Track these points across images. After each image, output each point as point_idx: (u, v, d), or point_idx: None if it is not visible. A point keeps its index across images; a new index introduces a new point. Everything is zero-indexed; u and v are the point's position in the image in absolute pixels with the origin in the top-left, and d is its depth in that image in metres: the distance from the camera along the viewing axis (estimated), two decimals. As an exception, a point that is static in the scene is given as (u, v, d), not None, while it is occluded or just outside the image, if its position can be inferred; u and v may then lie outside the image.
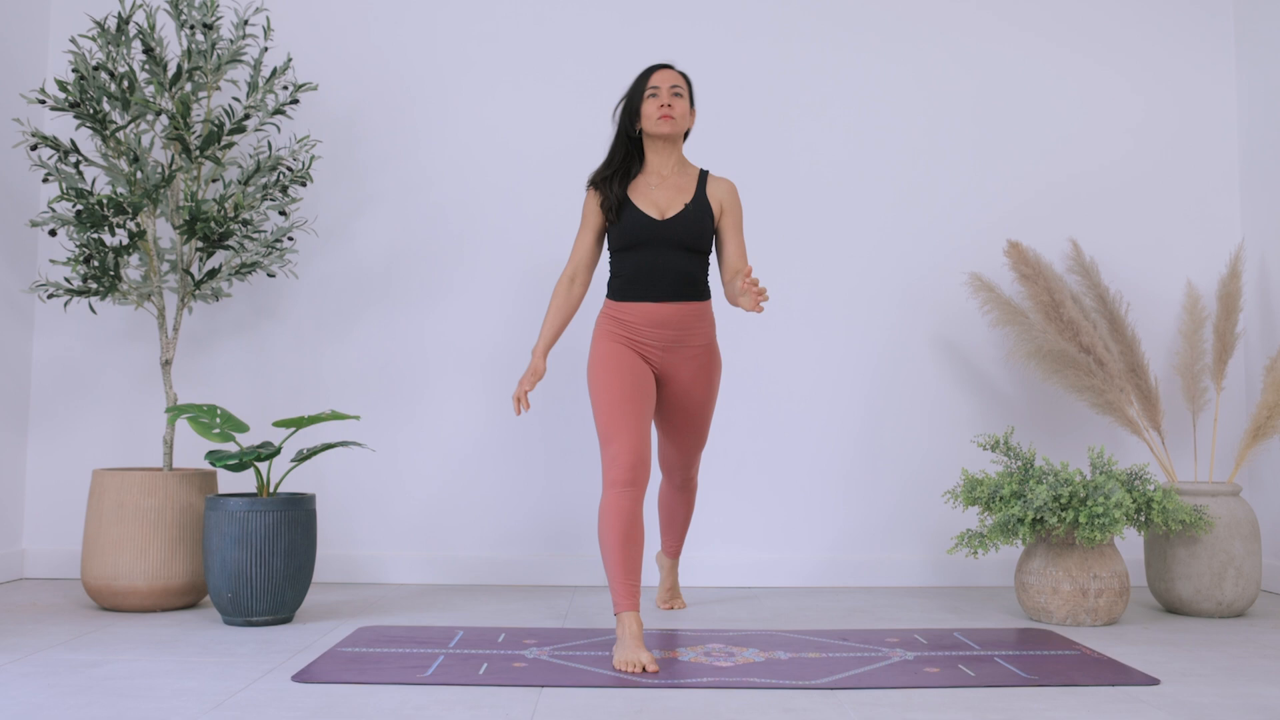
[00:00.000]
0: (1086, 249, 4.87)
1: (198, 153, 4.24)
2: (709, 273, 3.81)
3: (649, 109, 3.73)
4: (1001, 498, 3.98)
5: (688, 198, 3.73)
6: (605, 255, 4.02)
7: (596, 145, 4.71)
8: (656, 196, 3.73)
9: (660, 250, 3.68)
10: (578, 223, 4.44)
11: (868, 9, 5.02)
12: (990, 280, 4.71)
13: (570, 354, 4.61)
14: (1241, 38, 5.03)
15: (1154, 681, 3.08)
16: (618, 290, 3.74)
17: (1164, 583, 4.22)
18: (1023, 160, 4.99)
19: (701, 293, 3.75)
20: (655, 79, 3.74)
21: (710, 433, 3.99)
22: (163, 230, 4.74)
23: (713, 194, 3.78)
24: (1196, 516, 4.04)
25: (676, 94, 3.74)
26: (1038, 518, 3.89)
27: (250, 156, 4.47)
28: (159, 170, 4.23)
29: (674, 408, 3.83)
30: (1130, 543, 4.74)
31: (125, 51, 4.25)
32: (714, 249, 3.84)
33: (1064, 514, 3.86)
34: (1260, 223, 4.88)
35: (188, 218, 4.19)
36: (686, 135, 3.90)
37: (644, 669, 3.12)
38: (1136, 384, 4.53)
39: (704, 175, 3.82)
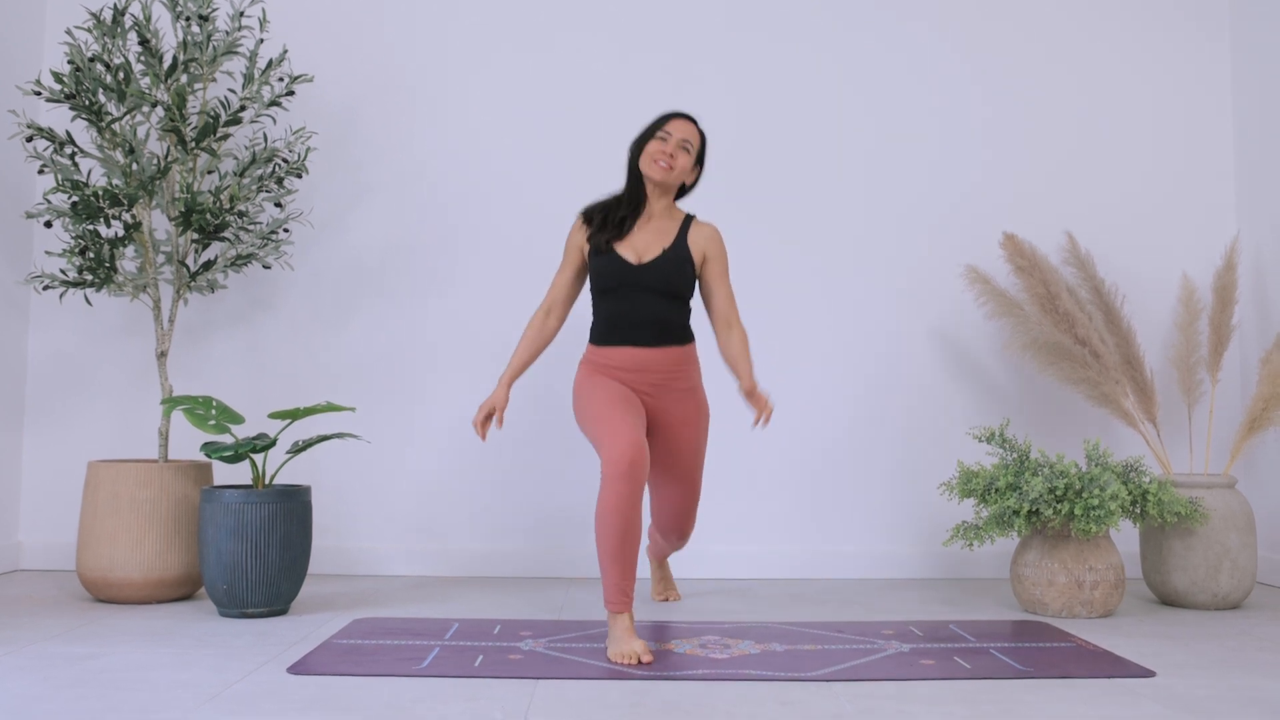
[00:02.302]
0: (1082, 241, 4.87)
1: (193, 144, 4.24)
2: (689, 317, 3.74)
3: (652, 148, 3.67)
4: (997, 490, 3.98)
5: (667, 243, 3.67)
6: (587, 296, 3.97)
7: (594, 140, 4.72)
8: (636, 240, 3.67)
9: (637, 295, 3.63)
10: (573, 215, 4.44)
11: (863, 4, 5.02)
12: (986, 272, 4.71)
13: (563, 347, 4.61)
14: (1236, 30, 5.03)
15: (1149, 674, 3.08)
16: (598, 335, 3.70)
17: (1159, 575, 4.22)
18: (1019, 153, 4.99)
19: (681, 338, 3.70)
20: (671, 125, 3.68)
21: (701, 467, 3.95)
22: (158, 222, 4.74)
23: (694, 240, 3.71)
24: (1192, 509, 4.05)
25: (684, 148, 3.68)
26: (1033, 510, 3.89)
27: (246, 148, 4.46)
28: (154, 162, 4.23)
29: (664, 451, 3.75)
30: (1126, 535, 4.75)
31: (121, 43, 4.24)
32: (700, 296, 3.79)
33: (1059, 506, 3.86)
34: (1255, 215, 4.88)
35: (183, 209, 4.18)
36: (686, 191, 3.86)
37: (639, 660, 3.12)
38: (1132, 376, 4.53)
39: (688, 221, 3.76)
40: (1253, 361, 4.78)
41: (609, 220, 3.70)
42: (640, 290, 3.62)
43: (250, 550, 3.76)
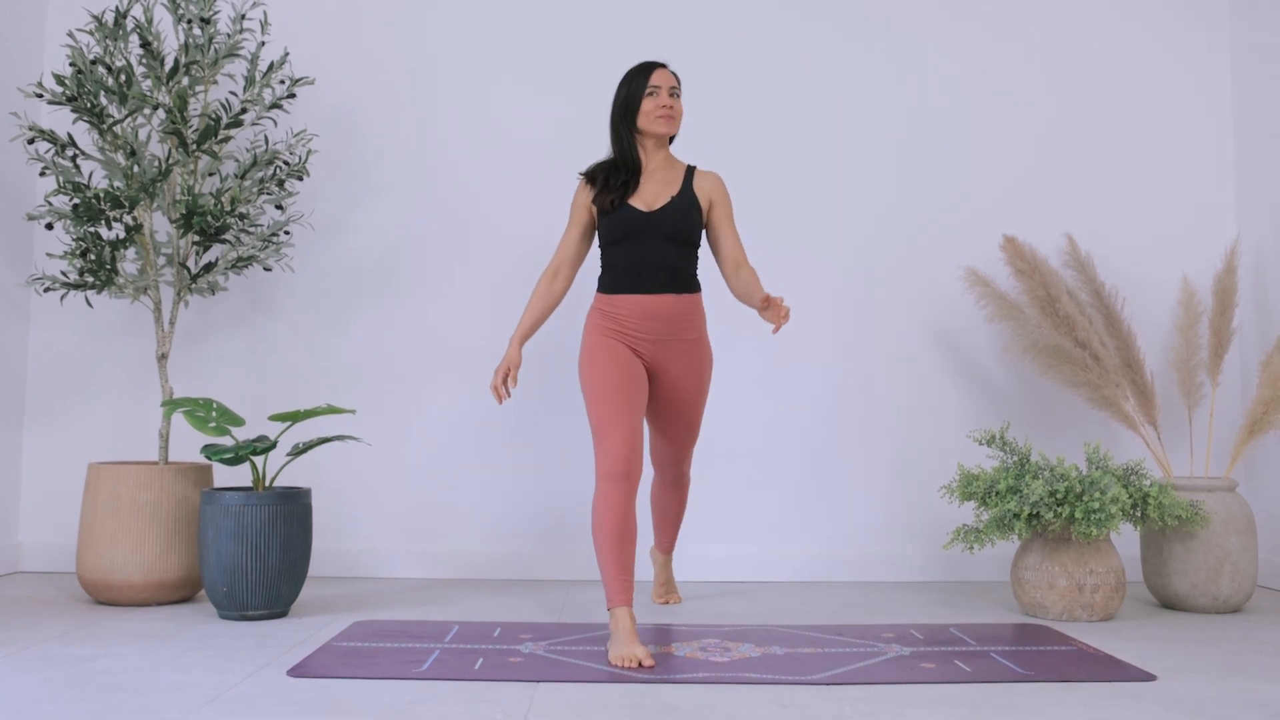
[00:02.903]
0: (1082, 244, 4.87)
1: (194, 147, 4.24)
2: (698, 266, 3.80)
3: (648, 106, 3.73)
4: (997, 493, 3.98)
5: (674, 190, 3.74)
6: (595, 250, 4.00)
7: (593, 139, 4.71)
8: (644, 190, 3.74)
9: (648, 243, 3.68)
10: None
11: (863, 6, 5.02)
12: (986, 275, 4.71)
13: (562, 350, 4.61)
14: (1236, 32, 5.03)
15: (1150, 677, 3.08)
16: (608, 284, 3.74)
17: (1160, 578, 4.22)
18: (1018, 155, 5.00)
19: (690, 285, 3.75)
20: (655, 78, 3.74)
21: (705, 427, 3.99)
22: (159, 224, 4.74)
23: (700, 187, 3.78)
24: (1193, 512, 4.04)
25: (674, 94, 3.76)
26: (1034, 513, 3.89)
27: (247, 150, 4.46)
28: (156, 164, 4.23)
29: (666, 402, 3.82)
30: (1126, 538, 4.75)
31: (122, 46, 4.24)
32: (708, 243, 3.85)
33: (1060, 509, 3.86)
34: (1255, 218, 4.88)
35: (184, 211, 4.18)
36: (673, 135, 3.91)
37: (639, 664, 3.12)
38: (1132, 379, 4.53)
39: (691, 170, 3.83)
40: (1253, 364, 4.78)
41: (610, 184, 3.75)
42: (652, 237, 3.69)
43: (250, 552, 3.76)
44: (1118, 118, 5.04)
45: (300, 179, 4.50)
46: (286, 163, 4.45)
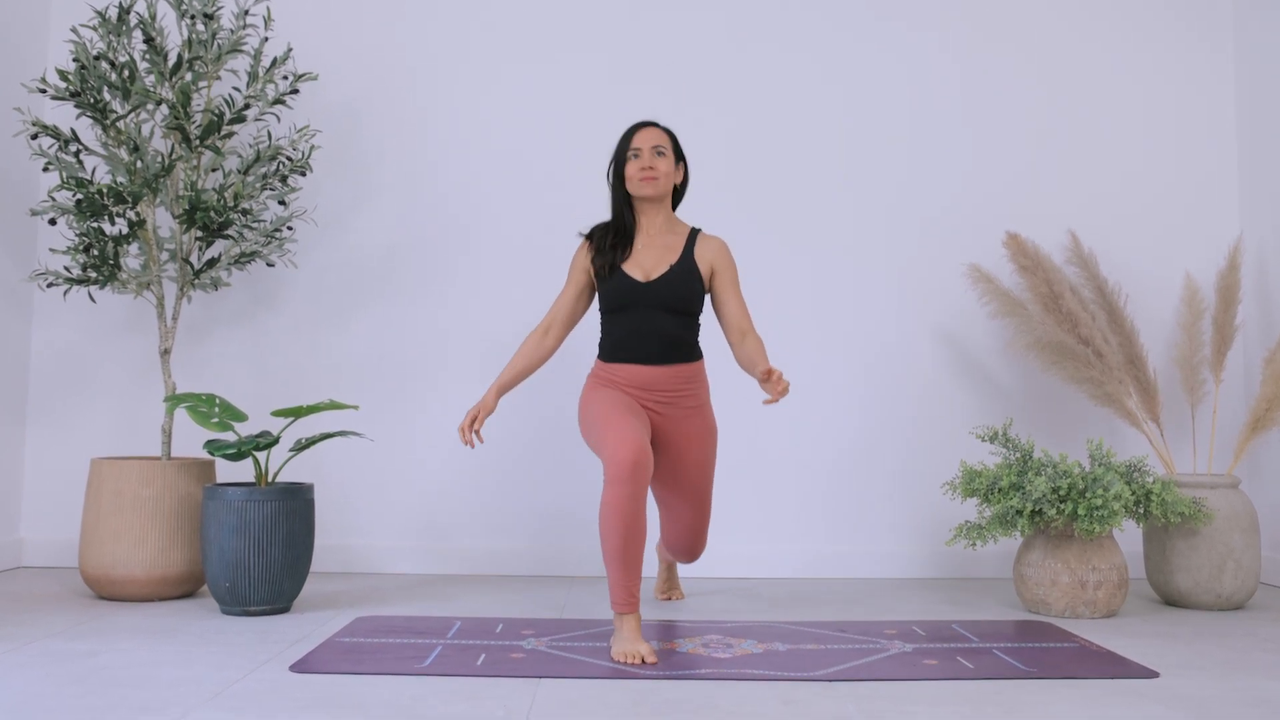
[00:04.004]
0: (1085, 240, 4.87)
1: (197, 142, 4.24)
2: (698, 334, 3.72)
3: (631, 171, 3.65)
4: (1000, 489, 3.98)
5: (674, 258, 3.66)
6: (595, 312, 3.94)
7: (597, 138, 4.71)
8: (643, 258, 3.66)
9: (646, 313, 3.61)
10: (577, 214, 4.43)
11: (866, 4, 5.02)
12: (989, 271, 4.71)
13: (565, 350, 4.62)
14: (1239, 29, 5.02)
15: (1153, 674, 3.08)
16: (606, 351, 3.69)
17: (1163, 575, 4.22)
18: (1022, 152, 4.99)
19: (689, 355, 3.68)
20: (637, 139, 3.66)
21: (710, 487, 3.92)
22: (162, 219, 4.74)
23: (701, 254, 3.68)
24: (1195, 509, 4.04)
25: (659, 153, 3.65)
26: (1036, 510, 3.89)
27: (250, 146, 4.47)
28: (159, 159, 4.23)
29: (670, 472, 3.73)
30: (1129, 535, 4.74)
31: (126, 41, 4.24)
32: (712, 309, 3.75)
33: (1062, 506, 3.86)
34: (1258, 215, 4.87)
35: (187, 207, 4.18)
36: (681, 194, 3.84)
37: (643, 660, 3.12)
38: (1135, 376, 4.53)
39: (694, 234, 3.73)
40: (1256, 361, 4.78)
41: (605, 246, 3.69)
42: (649, 307, 3.61)
43: (253, 548, 3.76)
44: (1121, 115, 5.03)
45: (303, 175, 4.50)
46: (289, 158, 4.45)
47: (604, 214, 3.83)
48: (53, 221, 4.19)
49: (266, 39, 4.53)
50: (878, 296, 4.93)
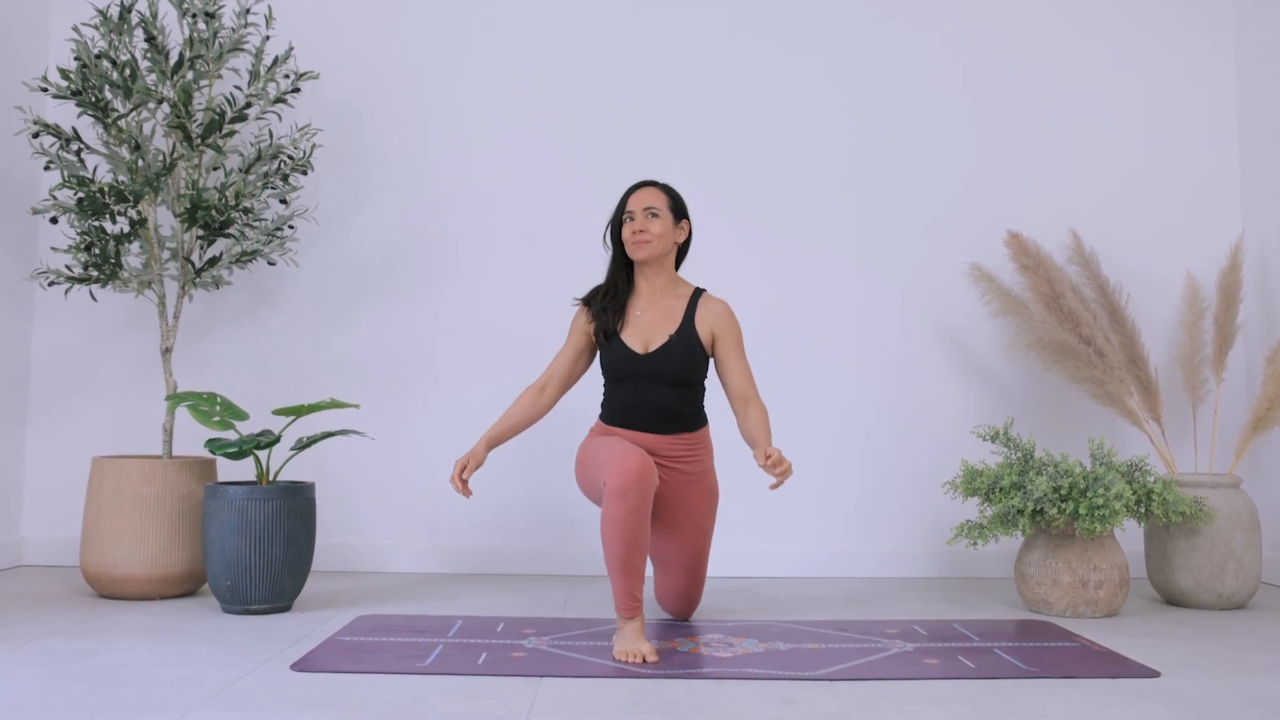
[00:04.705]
0: (1086, 240, 4.86)
1: (199, 141, 4.24)
2: (702, 400, 3.66)
3: (625, 235, 3.59)
4: (1001, 489, 3.98)
5: (673, 327, 3.58)
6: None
7: (599, 136, 4.72)
8: (641, 326, 3.60)
9: (645, 385, 3.54)
10: (578, 211, 4.45)
11: (868, 6, 5.02)
12: (990, 271, 4.71)
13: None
14: (1240, 28, 5.02)
15: (1154, 674, 3.08)
16: (607, 416, 3.64)
17: (1164, 575, 4.22)
18: (1023, 152, 4.99)
19: (691, 425, 3.61)
20: (631, 201, 3.60)
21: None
22: (163, 218, 4.74)
23: (702, 320, 3.59)
24: (1197, 508, 4.04)
25: (652, 215, 3.57)
26: (1037, 509, 3.89)
27: (251, 145, 4.47)
28: (160, 158, 4.23)
29: (669, 533, 3.64)
30: (1130, 534, 4.74)
31: (127, 40, 4.24)
32: (715, 373, 3.66)
33: (1064, 505, 3.86)
34: (1260, 214, 4.87)
35: (189, 206, 4.19)
36: (685, 252, 3.77)
37: (644, 659, 3.12)
38: (1136, 375, 4.53)
39: (696, 297, 3.65)
40: (1258, 360, 4.77)
41: (600, 312, 3.63)
42: (648, 380, 3.54)
43: (254, 547, 3.76)
44: (1122, 114, 5.03)
45: (304, 173, 4.50)
46: (290, 157, 4.45)
47: (605, 215, 3.83)
48: (54, 220, 4.19)
49: (268, 38, 4.54)
50: (878, 295, 4.92)
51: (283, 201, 4.49)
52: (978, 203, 4.95)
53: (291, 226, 4.60)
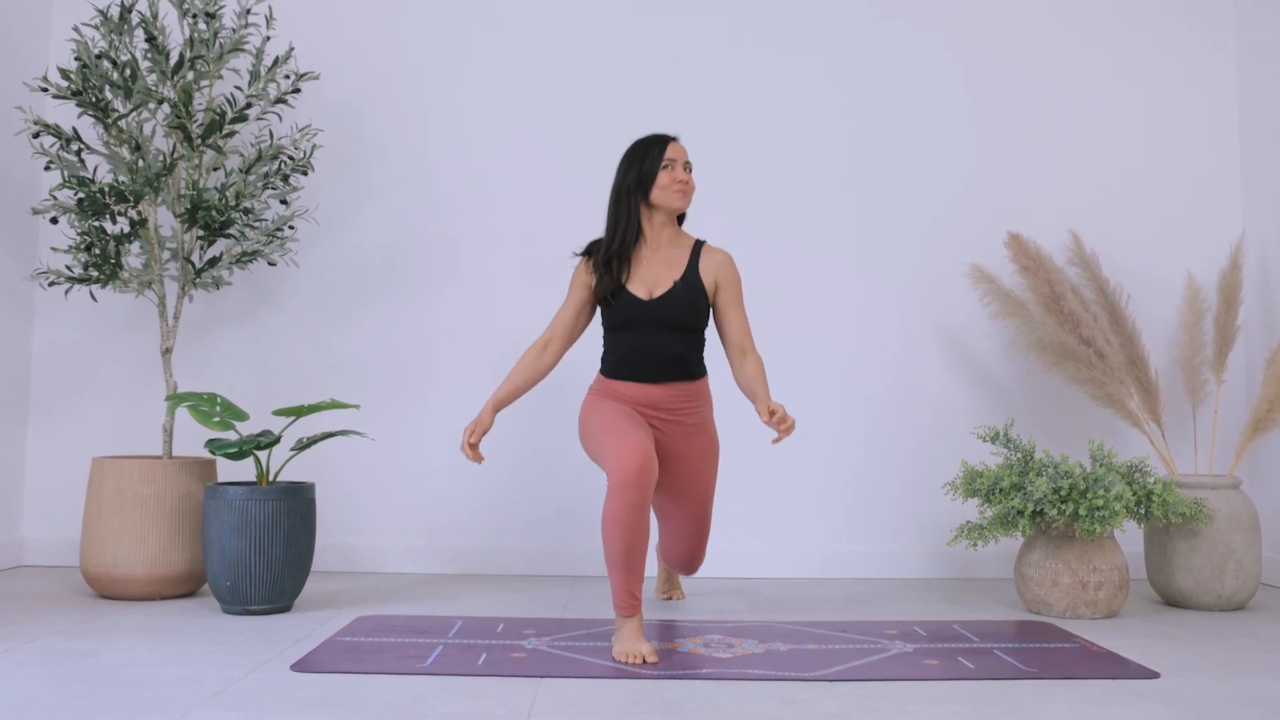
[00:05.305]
0: (1087, 241, 4.86)
1: (199, 141, 4.24)
2: (703, 350, 3.70)
3: (664, 180, 3.59)
4: (1001, 490, 3.98)
5: (678, 274, 3.62)
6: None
7: (599, 136, 4.72)
8: (645, 273, 3.62)
9: (649, 331, 3.58)
10: (579, 212, 4.44)
11: (869, 7, 5.02)
12: (991, 272, 4.71)
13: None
14: (1241, 29, 5.02)
15: (1154, 675, 3.08)
16: (609, 368, 3.67)
17: (1164, 576, 4.22)
18: (1023, 153, 4.99)
19: (693, 373, 3.65)
20: (672, 151, 3.61)
21: (710, 503, 3.92)
22: (164, 218, 4.74)
23: (705, 268, 3.64)
24: (1197, 509, 4.04)
25: (689, 169, 3.65)
26: (1037, 510, 3.89)
27: (251, 145, 4.47)
28: (160, 158, 4.23)
29: (672, 486, 3.71)
30: (1130, 535, 4.74)
31: (128, 40, 4.24)
32: (714, 323, 3.71)
33: (1064, 506, 3.86)
34: (1261, 215, 4.87)
35: (189, 206, 4.19)
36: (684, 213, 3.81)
37: (644, 660, 3.12)
38: (1137, 376, 4.53)
39: (698, 247, 3.69)
40: (1258, 361, 4.78)
41: (604, 263, 3.64)
42: (653, 326, 3.58)
43: (254, 547, 3.76)
44: (1123, 115, 5.03)
45: (305, 174, 4.50)
46: (291, 158, 4.45)
47: (604, 215, 3.82)
48: (54, 220, 4.20)
49: (268, 38, 4.54)
50: (879, 295, 4.92)
51: (283, 202, 4.49)
52: (978, 203, 4.95)
53: (292, 227, 4.60)
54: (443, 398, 4.82)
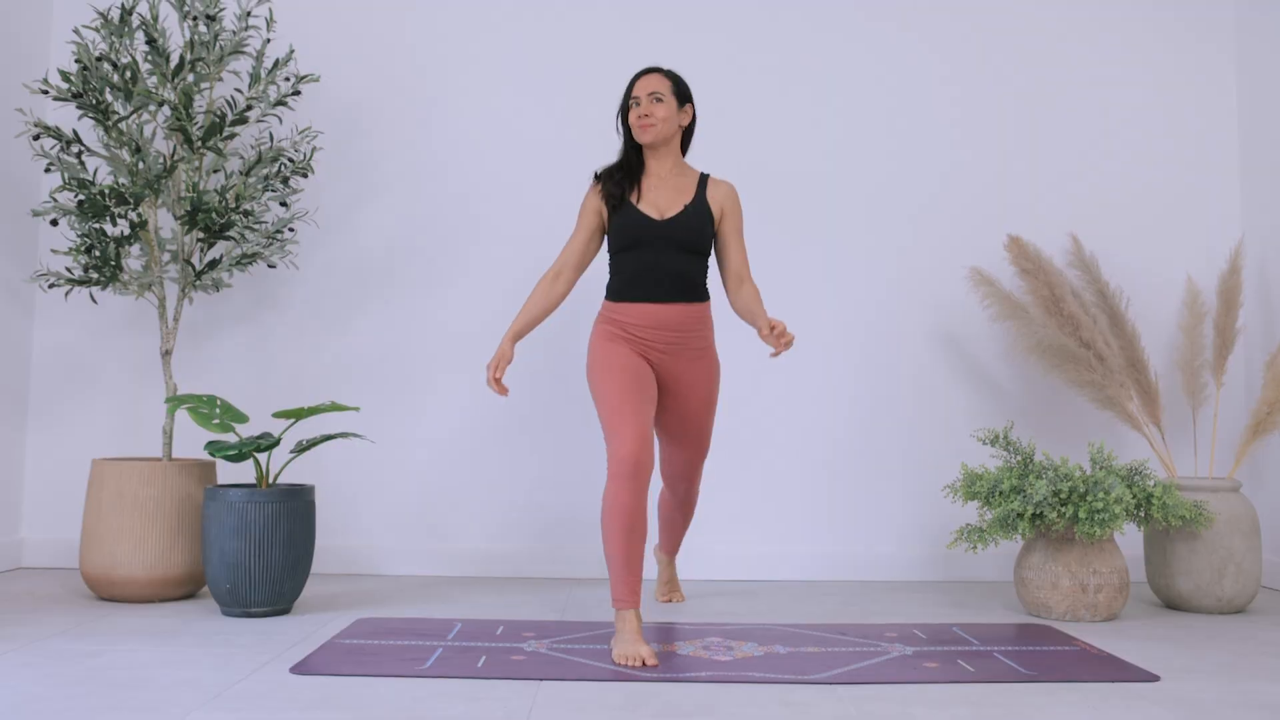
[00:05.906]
0: (1087, 244, 4.87)
1: (199, 143, 4.24)
2: (708, 275, 3.77)
3: (631, 120, 3.71)
4: (1001, 492, 3.98)
5: (687, 199, 3.70)
6: (604, 256, 3.96)
7: (600, 138, 4.71)
8: (656, 197, 3.70)
9: (659, 251, 3.64)
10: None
11: (867, 9, 5.02)
12: (991, 274, 4.71)
13: (566, 347, 4.62)
14: (1241, 33, 5.02)
15: (1153, 678, 3.08)
16: (615, 291, 3.70)
17: (1164, 579, 4.22)
18: (1023, 155, 4.99)
19: (700, 295, 3.72)
20: (636, 88, 3.72)
21: (711, 424, 3.96)
22: (164, 220, 4.74)
23: (713, 197, 3.74)
24: (1196, 512, 4.04)
25: (656, 99, 3.68)
26: (1037, 513, 3.89)
27: (252, 147, 4.47)
28: (161, 161, 4.23)
29: (674, 412, 3.79)
30: (1130, 538, 4.74)
31: (128, 42, 4.24)
32: (715, 253, 3.81)
33: (1064, 509, 3.86)
34: (1260, 218, 4.87)
35: (189, 208, 4.19)
36: (690, 136, 3.88)
37: (643, 662, 3.12)
38: (1136, 379, 4.53)
39: (704, 178, 3.78)
40: (1257, 364, 4.78)
41: (613, 183, 3.74)
42: (663, 245, 3.65)
43: (254, 549, 3.76)
44: (1123, 118, 5.03)
45: (305, 176, 4.50)
46: (291, 160, 4.45)
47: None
48: (54, 222, 4.20)
49: (268, 40, 4.54)
50: (879, 298, 4.92)
51: (283, 204, 4.49)
52: (978, 206, 4.95)
53: (292, 229, 4.60)
54: (442, 400, 4.82)
